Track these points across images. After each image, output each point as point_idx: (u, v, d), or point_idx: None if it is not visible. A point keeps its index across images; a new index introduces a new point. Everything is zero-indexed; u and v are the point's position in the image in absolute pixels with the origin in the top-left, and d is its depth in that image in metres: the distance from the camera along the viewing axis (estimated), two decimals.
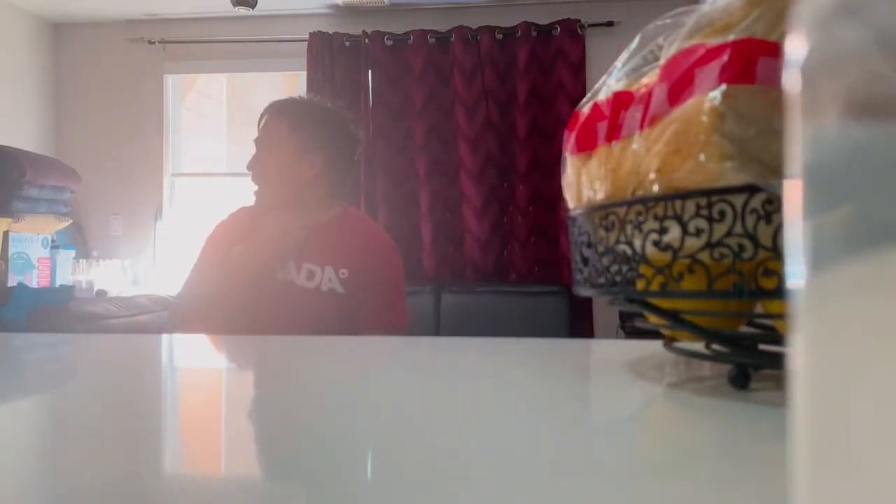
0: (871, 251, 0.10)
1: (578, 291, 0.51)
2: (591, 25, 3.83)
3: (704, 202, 0.38)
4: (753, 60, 0.36)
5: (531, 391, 0.47)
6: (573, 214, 0.51)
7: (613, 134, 0.45)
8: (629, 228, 0.43)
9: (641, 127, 0.41)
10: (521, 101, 3.82)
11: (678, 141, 0.38)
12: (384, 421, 0.39)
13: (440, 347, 0.80)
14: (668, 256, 0.40)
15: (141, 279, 4.09)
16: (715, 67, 0.37)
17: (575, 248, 0.51)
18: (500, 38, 3.87)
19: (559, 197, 3.48)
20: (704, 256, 0.39)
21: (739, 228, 0.37)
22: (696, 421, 0.40)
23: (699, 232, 0.39)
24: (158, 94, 4.25)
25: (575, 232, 0.50)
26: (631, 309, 0.48)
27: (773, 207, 0.36)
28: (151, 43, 4.20)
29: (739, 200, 0.37)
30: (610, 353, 0.71)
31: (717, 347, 0.48)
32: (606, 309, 3.58)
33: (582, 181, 0.48)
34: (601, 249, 0.46)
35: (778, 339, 0.45)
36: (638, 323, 0.53)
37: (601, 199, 0.45)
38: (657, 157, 0.39)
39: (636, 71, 0.46)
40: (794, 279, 0.11)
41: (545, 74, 3.84)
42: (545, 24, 3.84)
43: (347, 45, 3.97)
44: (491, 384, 0.52)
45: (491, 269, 3.83)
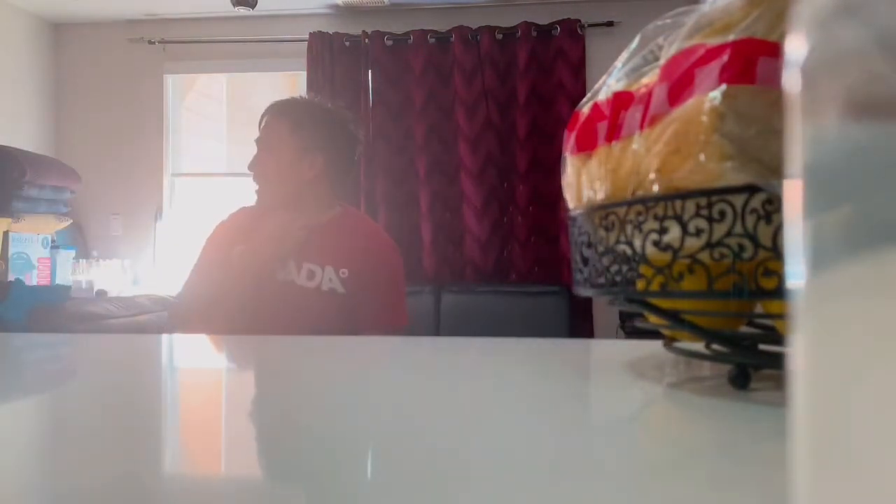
0: (871, 251, 0.10)
1: (578, 291, 0.51)
2: (591, 25, 3.83)
3: (704, 202, 0.38)
4: (753, 60, 0.36)
5: (531, 391, 0.47)
6: (573, 214, 0.51)
7: (613, 134, 0.45)
8: (629, 228, 0.43)
9: (641, 127, 0.41)
10: (521, 101, 3.81)
11: (678, 141, 0.38)
12: (384, 421, 0.39)
13: (440, 347, 0.80)
14: (668, 256, 0.40)
15: (141, 279, 4.09)
16: (715, 67, 0.37)
17: (575, 248, 0.51)
18: (500, 38, 3.87)
19: (559, 197, 3.48)
20: (704, 256, 0.39)
21: (739, 228, 0.37)
22: (696, 421, 0.40)
23: (699, 232, 0.39)
24: (158, 94, 4.25)
25: (575, 232, 0.50)
26: (631, 309, 0.48)
27: (773, 207, 0.36)
28: (151, 43, 4.20)
29: (739, 200, 0.37)
30: (610, 353, 0.71)
31: (717, 347, 0.48)
32: (606, 309, 3.58)
33: (582, 181, 0.48)
34: (601, 249, 0.46)
35: (778, 339, 0.45)
36: (638, 323, 0.53)
37: (601, 199, 0.45)
38: (657, 157, 0.39)
39: (636, 71, 0.46)
40: (794, 279, 0.11)
41: (545, 74, 3.84)
42: (545, 24, 3.84)
43: (347, 45, 3.97)
44: (491, 384, 0.52)
45: (491, 269, 3.83)
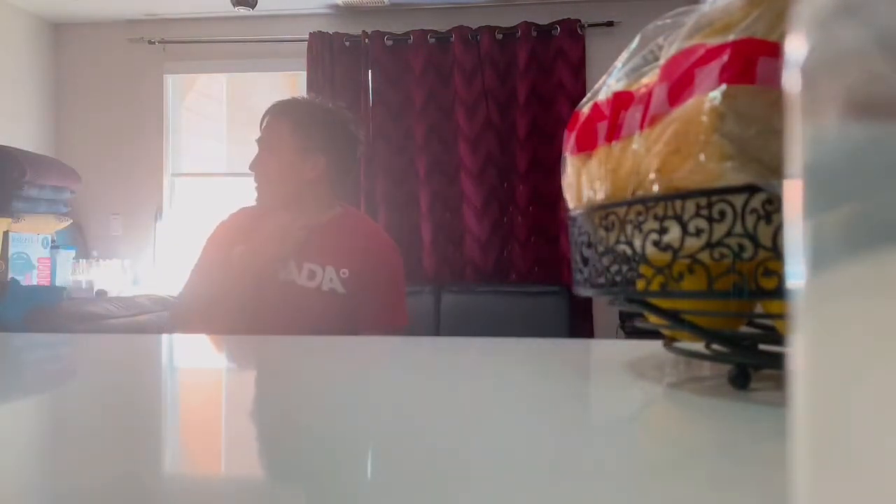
0: (871, 251, 0.10)
1: (578, 291, 0.51)
2: (591, 25, 3.83)
3: (704, 202, 0.38)
4: (753, 60, 0.36)
5: (531, 391, 0.47)
6: (573, 214, 0.51)
7: (613, 134, 0.45)
8: (629, 228, 0.43)
9: (641, 127, 0.41)
10: (521, 101, 3.81)
11: (678, 141, 0.38)
12: (384, 421, 0.39)
13: (440, 347, 0.80)
14: (668, 256, 0.40)
15: (141, 279, 4.09)
16: (715, 67, 0.37)
17: (575, 248, 0.51)
18: (500, 38, 3.87)
19: (559, 197, 3.48)
20: (704, 256, 0.39)
21: (739, 228, 0.37)
22: (696, 421, 0.40)
23: (699, 232, 0.39)
24: (158, 94, 4.25)
25: (575, 232, 0.50)
26: (631, 309, 0.48)
27: (773, 207, 0.36)
28: (151, 43, 4.20)
29: (739, 200, 0.37)
30: (610, 353, 0.70)
31: (717, 347, 0.48)
32: (606, 309, 3.58)
33: (582, 181, 0.48)
34: (601, 249, 0.46)
35: (778, 339, 0.45)
36: (638, 323, 0.53)
37: (601, 199, 0.45)
38: (657, 157, 0.39)
39: (636, 71, 0.46)
40: (794, 279, 0.11)
41: (545, 74, 3.84)
42: (545, 24, 3.84)
43: (347, 45, 3.97)
44: (491, 384, 0.52)
45: (491, 269, 3.83)
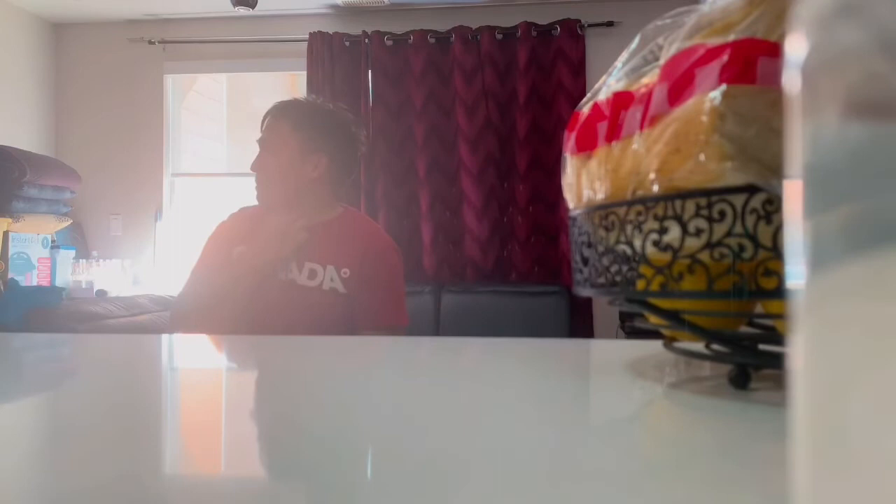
0: (871, 251, 0.10)
1: (578, 291, 0.51)
2: (591, 25, 3.83)
3: (704, 202, 0.38)
4: (753, 60, 0.36)
5: (531, 391, 0.47)
6: (573, 214, 0.51)
7: (613, 134, 0.45)
8: (629, 228, 0.43)
9: (641, 127, 0.41)
10: (521, 101, 3.81)
11: (678, 141, 0.38)
12: (384, 421, 0.39)
13: (440, 347, 0.80)
14: (668, 256, 0.40)
15: (141, 279, 4.09)
16: (715, 67, 0.37)
17: (575, 248, 0.51)
18: (500, 38, 3.87)
19: (559, 197, 3.48)
20: (704, 256, 0.39)
21: (739, 228, 0.37)
22: (696, 421, 0.40)
23: (699, 232, 0.39)
24: (158, 94, 4.25)
25: (575, 232, 0.50)
26: (631, 309, 0.48)
27: (773, 207, 0.36)
28: (151, 43, 4.20)
29: (739, 200, 0.37)
30: (610, 353, 0.70)
31: (717, 347, 0.48)
32: (606, 309, 3.58)
33: (582, 181, 0.48)
34: (601, 249, 0.46)
35: (778, 339, 0.45)
36: (638, 323, 0.53)
37: (601, 199, 0.45)
38: (657, 157, 0.39)
39: (636, 71, 0.46)
40: (794, 279, 0.11)
41: (545, 74, 3.84)
42: (545, 24, 3.84)
43: (347, 45, 3.97)
44: (491, 384, 0.52)
45: (491, 268, 3.83)
